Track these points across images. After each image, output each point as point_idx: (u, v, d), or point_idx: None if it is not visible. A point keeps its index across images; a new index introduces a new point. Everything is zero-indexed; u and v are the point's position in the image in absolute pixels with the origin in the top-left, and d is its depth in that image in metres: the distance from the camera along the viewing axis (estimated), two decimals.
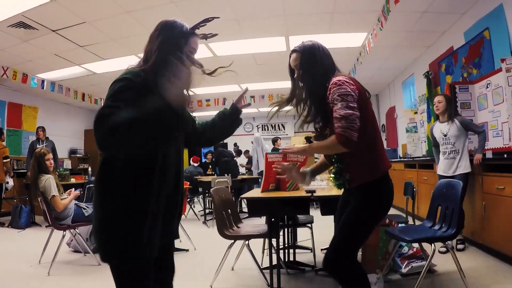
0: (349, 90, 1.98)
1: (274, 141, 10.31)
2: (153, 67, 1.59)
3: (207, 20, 1.73)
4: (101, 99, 10.72)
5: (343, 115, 1.92)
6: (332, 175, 2.30)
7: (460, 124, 4.33)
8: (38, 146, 7.89)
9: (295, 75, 2.28)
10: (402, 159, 8.51)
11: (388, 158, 2.26)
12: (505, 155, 4.22)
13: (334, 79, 2.04)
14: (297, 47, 2.25)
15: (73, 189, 4.74)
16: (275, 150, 9.23)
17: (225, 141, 15.17)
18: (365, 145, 2.03)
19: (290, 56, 2.25)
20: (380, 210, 2.17)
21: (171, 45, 1.62)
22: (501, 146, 4.66)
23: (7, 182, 7.40)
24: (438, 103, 4.57)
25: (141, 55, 1.72)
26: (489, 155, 4.57)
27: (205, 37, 1.84)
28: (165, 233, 1.74)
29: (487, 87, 4.84)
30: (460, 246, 4.44)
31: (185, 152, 16.20)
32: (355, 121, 1.93)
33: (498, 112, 4.66)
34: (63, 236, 4.40)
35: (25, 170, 8.63)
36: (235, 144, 12.90)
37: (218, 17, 1.78)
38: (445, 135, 4.45)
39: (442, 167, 4.53)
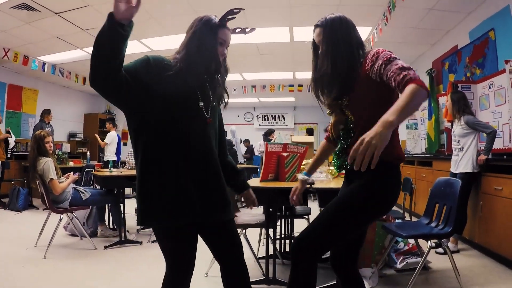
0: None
1: (268, 133, 10.17)
2: (185, 55, 1.74)
3: (232, 12, 1.80)
4: None
5: (402, 65, 1.64)
6: (335, 154, 1.99)
7: (465, 123, 4.28)
8: (46, 129, 7.83)
9: (319, 51, 2.03)
10: None
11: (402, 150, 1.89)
12: (505, 156, 4.22)
13: (375, 49, 1.78)
14: (320, 21, 1.98)
15: (72, 172, 4.74)
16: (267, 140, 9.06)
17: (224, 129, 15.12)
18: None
19: (313, 32, 2.02)
20: (378, 204, 1.80)
21: (202, 35, 1.75)
22: (501, 147, 4.66)
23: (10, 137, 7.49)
24: (446, 103, 4.56)
25: (144, 40, 1.81)
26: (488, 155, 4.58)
27: (243, 31, 1.96)
28: (207, 209, 1.78)
29: (490, 88, 4.83)
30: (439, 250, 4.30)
31: None
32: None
33: (500, 113, 4.66)
34: (60, 220, 4.40)
35: (25, 153, 8.63)
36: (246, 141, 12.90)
37: (243, 9, 1.84)
38: (453, 133, 4.44)
39: (452, 164, 4.52)
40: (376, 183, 1.77)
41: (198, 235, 1.88)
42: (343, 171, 2.00)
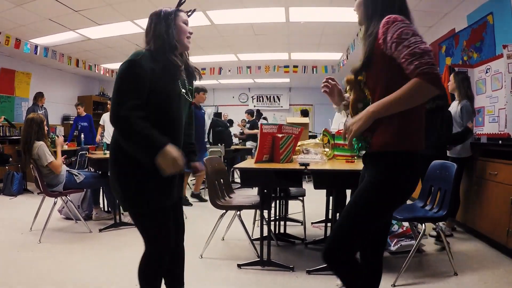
0: (415, 29, 1.61)
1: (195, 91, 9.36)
2: (154, 46, 1.98)
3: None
4: (95, 65, 10.57)
5: (424, 49, 1.52)
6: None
7: (459, 109, 4.23)
8: (39, 112, 7.76)
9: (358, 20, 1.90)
10: None
11: (423, 139, 1.75)
12: (500, 141, 4.21)
13: (394, 15, 1.63)
14: None
15: (65, 156, 4.71)
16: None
17: (219, 110, 15.13)
18: None
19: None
20: (392, 195, 1.72)
21: (162, 27, 2.00)
22: (496, 132, 4.65)
23: None
24: (448, 83, 4.50)
25: (137, 21, 1.93)
26: (483, 140, 4.56)
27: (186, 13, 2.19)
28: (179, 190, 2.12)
29: (487, 72, 4.80)
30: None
31: None
32: (433, 59, 1.54)
33: (496, 98, 4.63)
34: (55, 203, 4.37)
35: (19, 137, 8.55)
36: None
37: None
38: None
39: None
40: (387, 175, 1.70)
41: None
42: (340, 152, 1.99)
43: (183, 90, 2.08)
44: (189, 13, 2.19)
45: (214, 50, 9.30)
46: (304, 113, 10.05)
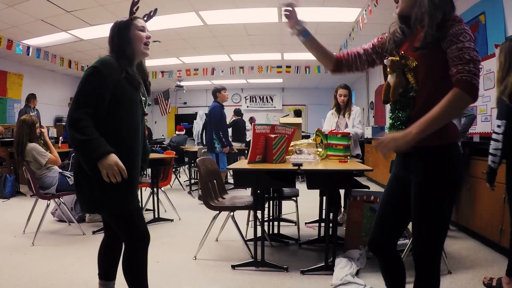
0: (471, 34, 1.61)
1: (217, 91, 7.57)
2: (117, 55, 2.07)
3: (134, 3, 2.16)
4: (87, 66, 10.48)
5: (472, 57, 1.54)
6: (391, 126, 1.85)
7: None
8: (31, 114, 7.73)
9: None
10: None
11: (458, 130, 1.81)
12: None
13: (460, 24, 1.61)
14: None
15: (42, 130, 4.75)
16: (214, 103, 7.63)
17: None
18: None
19: None
20: (455, 180, 1.71)
21: (120, 37, 2.10)
22: (489, 131, 4.68)
23: None
24: None
25: None
26: (476, 139, 4.58)
27: (149, 16, 2.30)
28: None
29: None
30: None
31: (172, 122, 15.96)
32: (479, 68, 1.56)
33: (488, 97, 4.66)
34: (48, 206, 4.36)
35: (11, 139, 8.50)
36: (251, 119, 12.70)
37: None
38: None
39: None
40: (442, 170, 1.69)
41: None
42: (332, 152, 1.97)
43: (143, 98, 2.20)
44: (146, 18, 2.26)
45: (207, 50, 9.29)
46: (297, 113, 10.06)
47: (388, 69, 1.83)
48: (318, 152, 3.76)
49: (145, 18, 2.24)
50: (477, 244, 3.98)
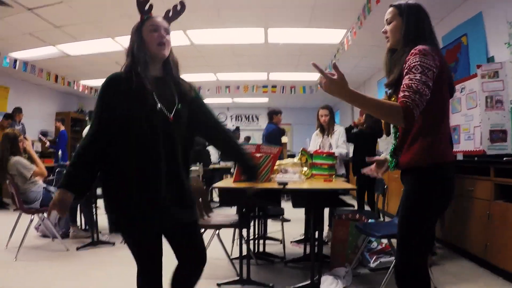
0: (433, 65, 1.74)
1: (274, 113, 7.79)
2: (131, 61, 1.90)
3: (141, 2, 1.94)
4: (74, 81, 10.53)
5: (419, 89, 1.67)
6: (388, 155, 2.03)
7: None
8: (16, 127, 7.69)
9: (383, 30, 2.03)
10: None
11: (451, 151, 1.98)
12: (476, 158, 4.33)
13: (421, 47, 1.77)
14: (397, 3, 1.98)
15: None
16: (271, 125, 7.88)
17: None
18: (428, 125, 1.82)
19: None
20: (431, 202, 1.85)
21: (132, 42, 1.95)
22: (471, 149, 4.78)
23: None
24: None
25: (117, 38, 1.89)
26: (460, 157, 4.68)
27: (175, 13, 2.07)
28: (169, 218, 1.92)
29: (462, 91, 4.94)
30: None
31: None
32: (424, 103, 1.68)
33: (471, 116, 4.77)
34: (31, 220, 4.32)
35: None
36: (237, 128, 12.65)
37: None
38: None
39: None
40: (417, 192, 1.87)
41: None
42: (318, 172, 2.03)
43: (159, 105, 1.86)
44: (171, 15, 2.05)
45: (193, 69, 9.34)
46: (282, 133, 10.10)
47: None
48: (303, 172, 3.82)
49: (170, 15, 2.04)
50: (463, 260, 4.03)
